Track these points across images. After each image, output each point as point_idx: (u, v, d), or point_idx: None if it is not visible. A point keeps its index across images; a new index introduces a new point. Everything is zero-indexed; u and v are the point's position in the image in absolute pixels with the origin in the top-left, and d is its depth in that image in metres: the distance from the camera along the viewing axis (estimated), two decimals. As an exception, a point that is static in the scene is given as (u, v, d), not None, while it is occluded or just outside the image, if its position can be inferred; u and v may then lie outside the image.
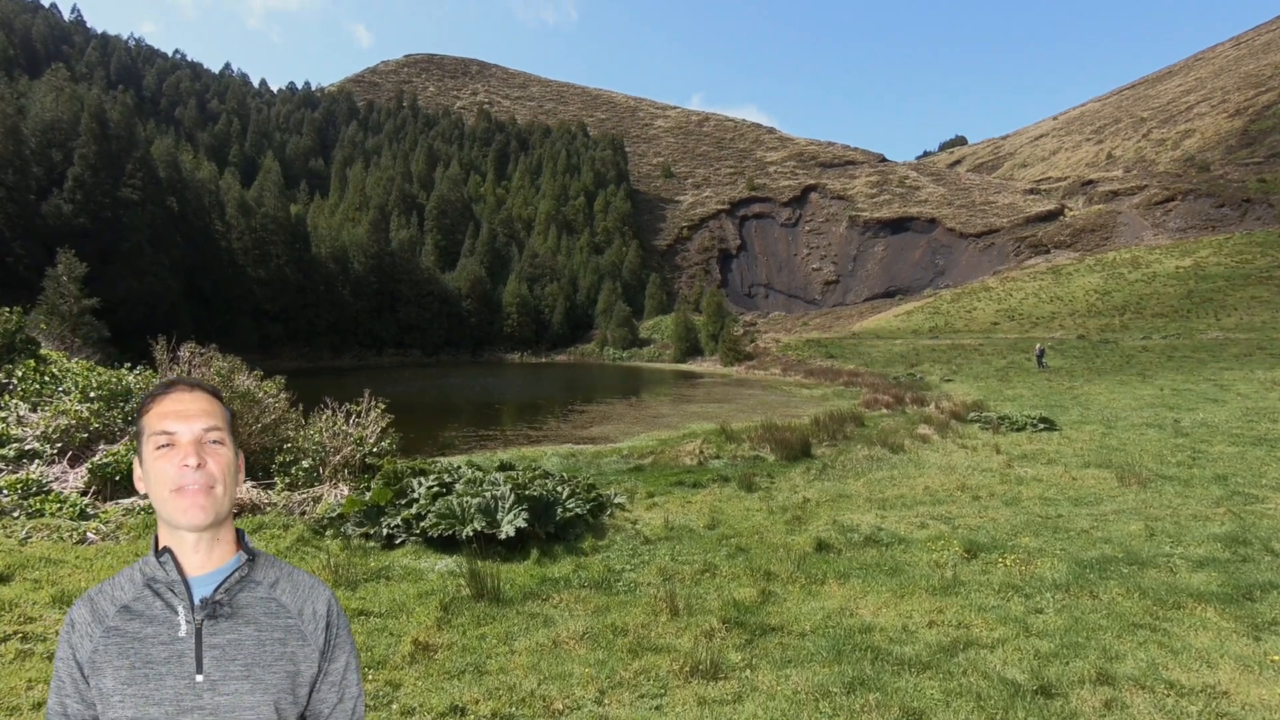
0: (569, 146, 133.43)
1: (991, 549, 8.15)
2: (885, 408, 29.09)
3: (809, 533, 9.00)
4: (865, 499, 11.70)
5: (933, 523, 9.56)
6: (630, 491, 12.57)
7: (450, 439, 20.89)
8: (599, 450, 18.40)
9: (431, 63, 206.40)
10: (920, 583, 6.89)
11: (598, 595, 6.52)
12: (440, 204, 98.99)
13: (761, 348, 66.64)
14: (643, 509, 10.83)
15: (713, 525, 9.57)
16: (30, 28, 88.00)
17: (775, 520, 9.95)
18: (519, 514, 8.03)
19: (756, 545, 8.47)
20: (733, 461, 16.61)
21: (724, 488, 13.33)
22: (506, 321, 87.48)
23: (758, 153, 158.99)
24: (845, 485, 13.18)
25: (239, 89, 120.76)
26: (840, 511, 10.58)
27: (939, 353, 50.67)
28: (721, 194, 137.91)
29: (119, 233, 50.91)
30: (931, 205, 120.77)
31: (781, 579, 7.04)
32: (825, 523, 9.66)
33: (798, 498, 11.77)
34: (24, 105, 53.08)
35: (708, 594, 6.58)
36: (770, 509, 10.75)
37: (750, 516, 10.25)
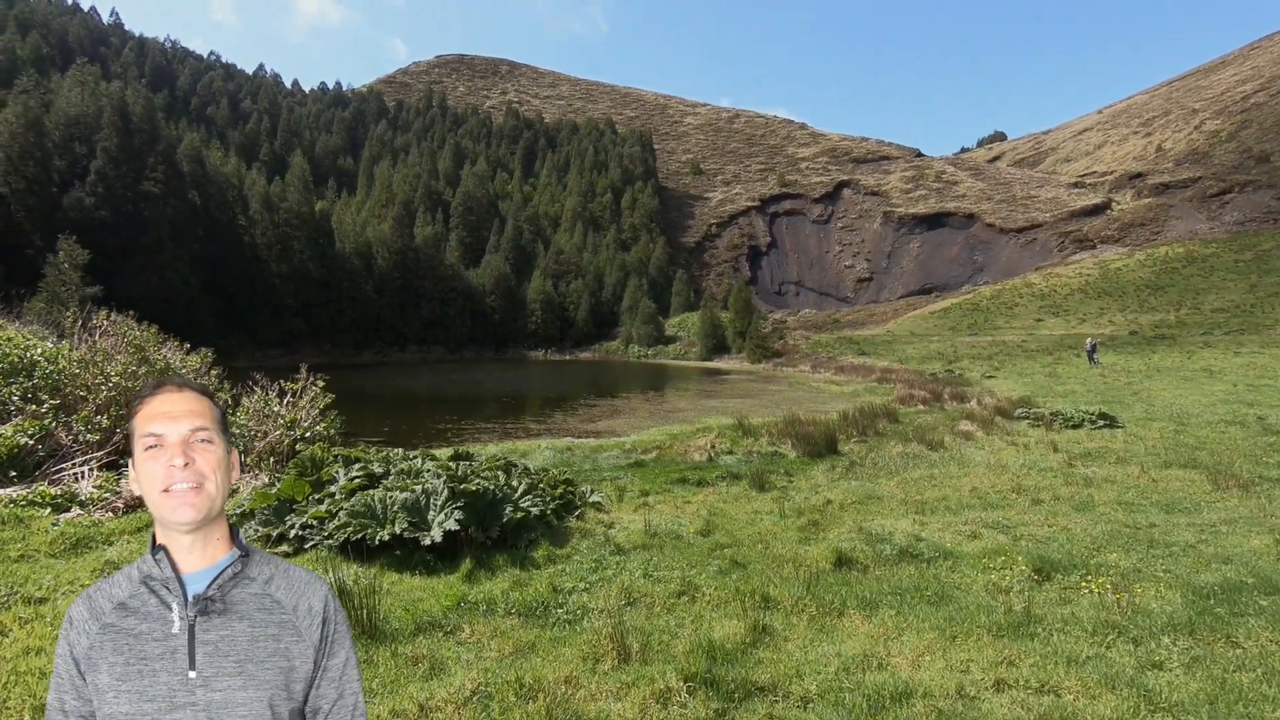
0: (596, 143, 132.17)
1: (1069, 568, 6.16)
2: (922, 403, 26.87)
3: (827, 543, 7.10)
4: (899, 501, 9.73)
5: (987, 532, 7.58)
6: (620, 489, 10.79)
7: (443, 430, 19.32)
8: (599, 444, 16.63)
9: (462, 63, 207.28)
10: (978, 616, 4.97)
11: (526, 627, 4.73)
12: (466, 200, 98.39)
13: (790, 345, 64.30)
14: (628, 509, 9.02)
15: (707, 530, 7.71)
16: (67, 29, 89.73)
17: (787, 526, 8.06)
18: (451, 513, 6.28)
19: (757, 558, 6.61)
20: (747, 457, 14.69)
21: (732, 486, 11.47)
22: (530, 318, 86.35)
23: (789, 149, 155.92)
24: (876, 485, 11.20)
25: (270, 89, 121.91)
26: (868, 516, 8.64)
27: (979, 349, 47.90)
28: (751, 191, 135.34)
29: (140, 226, 50.75)
30: (970, 200, 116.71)
31: (784, 607, 5.17)
32: (849, 530, 7.75)
33: (818, 499, 9.84)
34: (50, 100, 53.33)
35: (678, 629, 4.74)
36: (783, 511, 8.85)
37: (757, 521, 8.38)
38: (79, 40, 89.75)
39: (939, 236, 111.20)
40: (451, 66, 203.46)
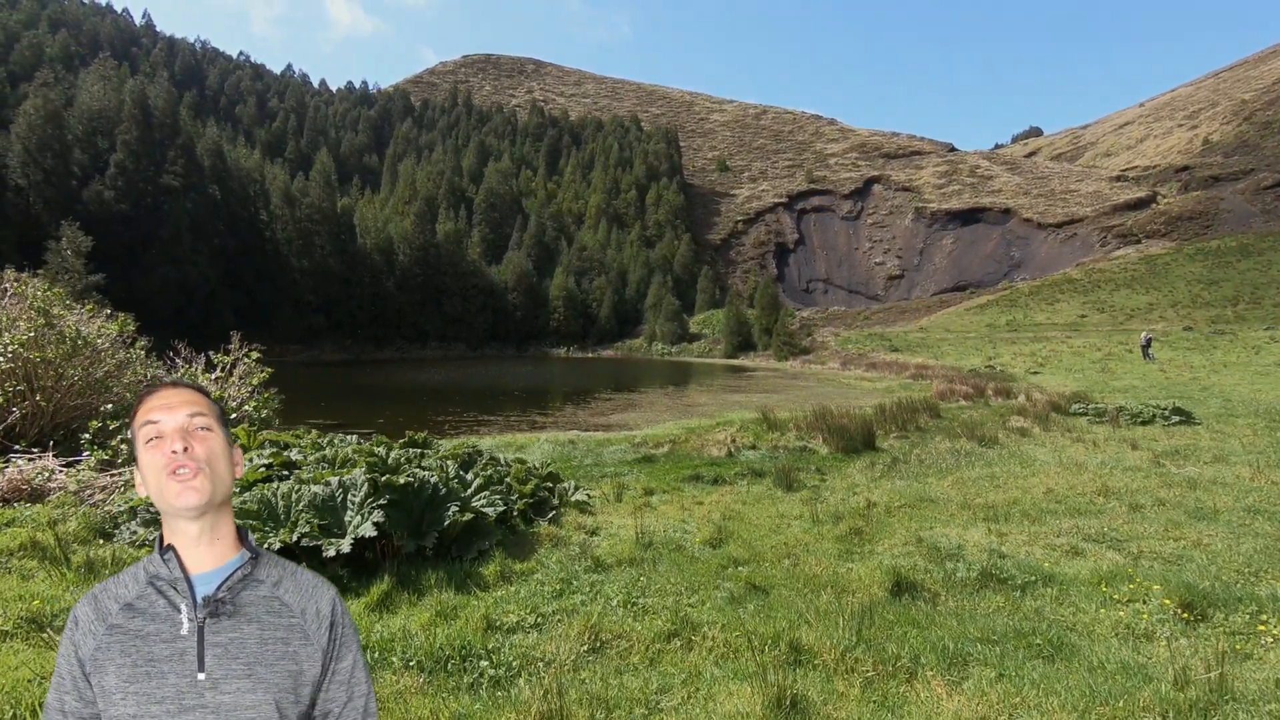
0: (621, 140, 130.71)
1: (1229, 602, 4.35)
2: (964, 399, 24.81)
3: (877, 559, 5.37)
4: (960, 505, 7.92)
5: (1090, 546, 5.76)
6: (620, 487, 9.15)
7: (442, 422, 17.84)
8: (607, 438, 14.99)
9: (488, 63, 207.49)
10: (1130, 686, 3.20)
11: (426, 692, 3.10)
12: (489, 197, 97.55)
13: (818, 342, 62.09)
14: (624, 512, 7.36)
15: (719, 539, 6.00)
16: (99, 29, 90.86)
17: (821, 534, 6.34)
18: (370, 514, 4.67)
19: (783, 579, 4.90)
20: (772, 453, 12.93)
21: (754, 485, 9.76)
22: (552, 315, 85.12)
23: (817, 145, 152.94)
24: (926, 485, 9.40)
25: (298, 88, 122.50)
26: (925, 523, 6.88)
27: (1020, 345, 45.34)
28: (779, 187, 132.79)
29: (158, 220, 50.42)
30: (1006, 195, 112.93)
31: (823, 662, 3.47)
32: (903, 541, 6.00)
33: (858, 500, 8.09)
34: (73, 95, 53.35)
35: (658, 699, 3.06)
36: (815, 516, 7.10)
37: (783, 527, 6.66)
38: (110, 40, 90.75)
39: (973, 232, 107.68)
40: (478, 66, 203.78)
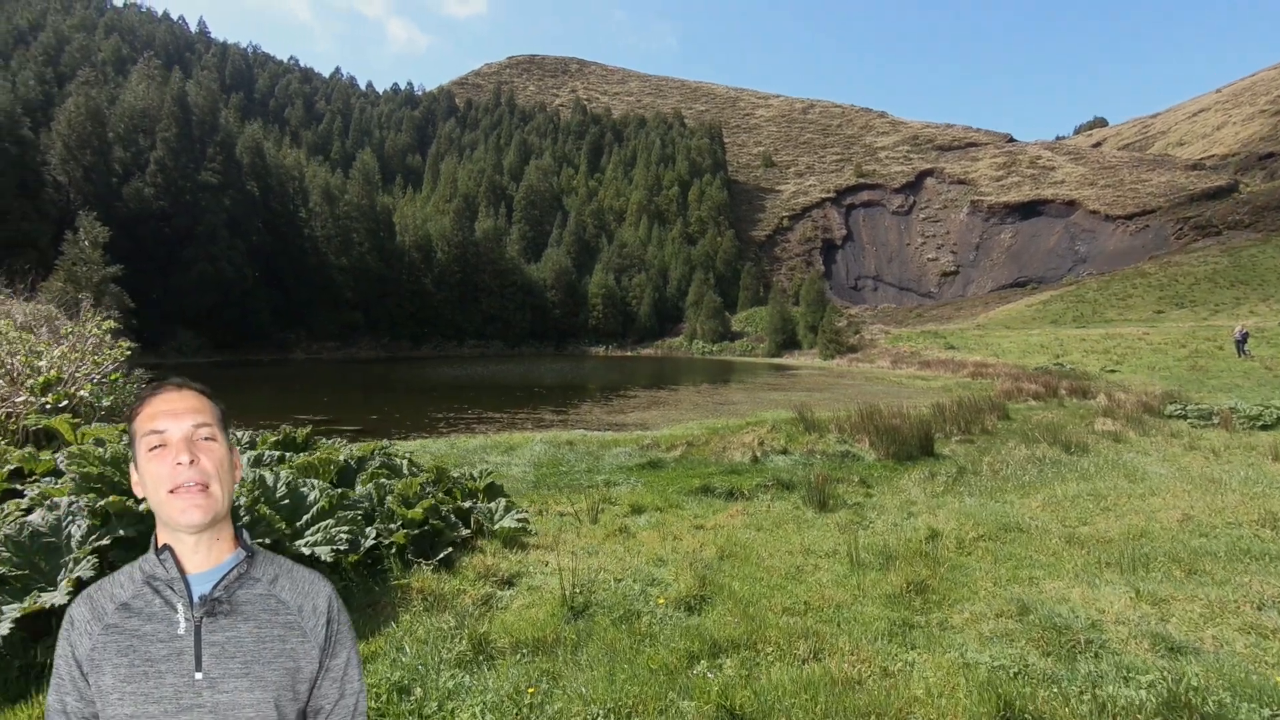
0: (664, 137, 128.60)
1: None
2: (1033, 398, 22.02)
3: (958, 648, 3.18)
4: (1064, 538, 5.61)
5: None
6: (601, 503, 7.08)
7: (437, 420, 16.07)
8: (614, 438, 12.94)
9: (532, 63, 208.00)
10: None
11: None
12: (529, 194, 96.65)
13: (867, 339, 58.89)
14: (585, 542, 5.29)
15: (700, 597, 3.89)
16: (154, 35, 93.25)
17: (864, 588, 4.17)
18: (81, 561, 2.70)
19: (791, 699, 2.75)
20: (806, 458, 10.68)
21: (777, 500, 7.57)
22: (591, 313, 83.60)
23: (867, 138, 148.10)
24: (1008, 505, 7.07)
25: (344, 90, 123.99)
26: (1021, 568, 4.64)
27: (1090, 342, 41.62)
28: (826, 182, 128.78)
29: (196, 216, 50.53)
30: (1069, 186, 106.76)
31: None
32: (995, 608, 3.78)
33: (915, 528, 5.85)
34: (117, 94, 54.02)
35: None
36: (855, 554, 4.90)
37: (806, 572, 4.51)
38: (164, 45, 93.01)
39: (1034, 226, 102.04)
40: (522, 67, 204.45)
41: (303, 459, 4.63)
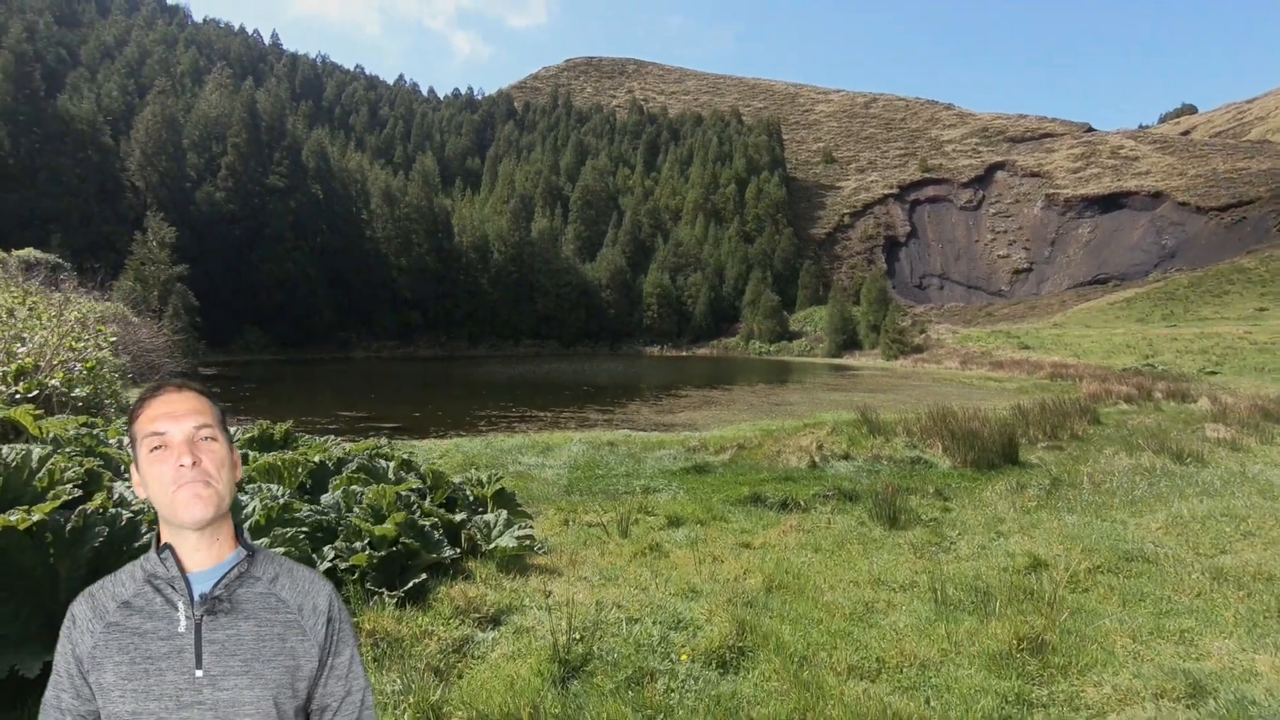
0: (721, 134, 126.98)
1: None
2: (1124, 401, 20.14)
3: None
4: (1209, 573, 4.46)
5: None
6: (635, 514, 6.24)
7: (479, 418, 15.55)
8: (660, 440, 12.07)
9: (590, 65, 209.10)
10: None
11: None
12: (585, 194, 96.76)
13: (934, 340, 56.31)
14: (605, 561, 4.47)
15: (738, 650, 2.99)
16: (229, 47, 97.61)
17: (957, 639, 3.18)
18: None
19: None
20: (871, 465, 9.58)
21: (839, 513, 6.58)
22: (646, 313, 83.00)
23: (932, 131, 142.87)
24: (1119, 525, 5.88)
25: (407, 96, 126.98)
26: (1159, 614, 3.57)
27: (1183, 342, 38.47)
28: (889, 178, 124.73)
29: (264, 219, 52.12)
30: (1156, 177, 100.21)
31: None
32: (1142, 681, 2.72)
33: (1008, 552, 4.80)
34: (192, 104, 56.32)
35: None
36: (937, 587, 3.89)
37: (877, 612, 3.56)
38: (239, 57, 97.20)
39: (1115, 219, 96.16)
40: (580, 69, 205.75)
41: (265, 459, 3.95)
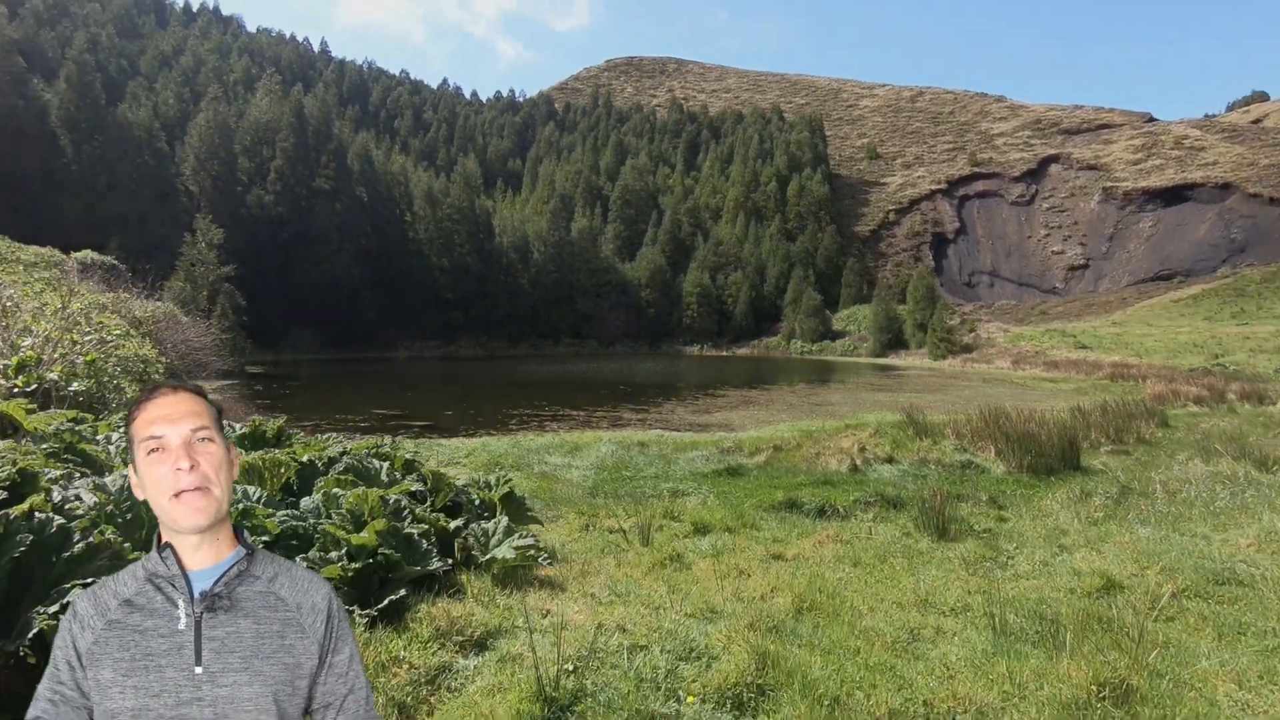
0: (762, 132, 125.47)
1: None
2: (1194, 403, 18.86)
3: None
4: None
5: None
6: (659, 519, 5.84)
7: (511, 416, 15.32)
8: (693, 440, 11.61)
9: (631, 65, 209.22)
10: None
11: None
12: (624, 194, 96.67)
13: (983, 338, 54.44)
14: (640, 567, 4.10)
15: (761, 684, 2.54)
16: (280, 55, 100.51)
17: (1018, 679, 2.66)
18: None
19: None
20: (917, 469, 8.96)
21: (882, 521, 6.07)
22: (686, 312, 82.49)
23: (982, 125, 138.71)
24: (1198, 539, 5.22)
25: (450, 100, 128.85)
26: (1268, 653, 3.00)
27: (1256, 341, 36.25)
28: (937, 173, 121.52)
29: (310, 220, 53.27)
30: (1224, 168, 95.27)
31: None
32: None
33: (1073, 570, 4.22)
34: (244, 110, 57.96)
35: None
36: (994, 613, 3.36)
37: (923, 641, 3.05)
38: (290, 64, 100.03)
39: (1179, 213, 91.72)
40: (620, 69, 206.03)
41: (246, 458, 3.67)
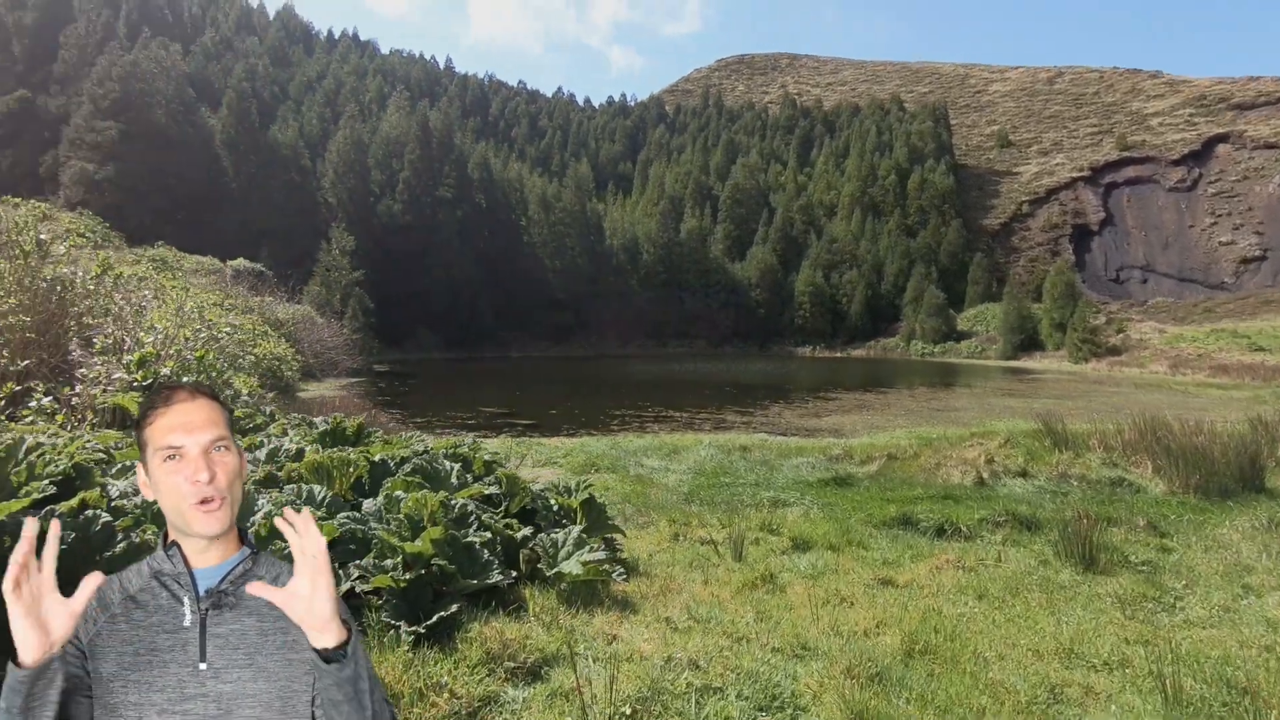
0: (880, 124, 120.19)
1: None
2: None
3: None
4: None
5: None
6: (755, 531, 5.43)
7: (613, 416, 15.23)
8: (800, 446, 10.97)
9: (742, 63, 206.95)
10: None
11: None
12: (735, 192, 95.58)
13: (1135, 339, 49.23)
14: (729, 586, 3.74)
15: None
16: (410, 74, 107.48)
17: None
18: None
19: None
20: (1056, 484, 7.97)
21: (1014, 546, 5.35)
22: (798, 312, 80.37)
23: (1133, 104, 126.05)
24: None
25: (564, 107, 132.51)
26: None
27: None
28: (1078, 159, 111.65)
29: (434, 228, 56.30)
30: None
31: None
32: None
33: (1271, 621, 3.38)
34: (378, 126, 62.23)
35: None
36: (1166, 674, 2.69)
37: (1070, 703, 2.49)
38: (418, 83, 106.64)
39: (1384, 194, 79.18)
40: (731, 68, 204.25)
41: (313, 457, 3.60)
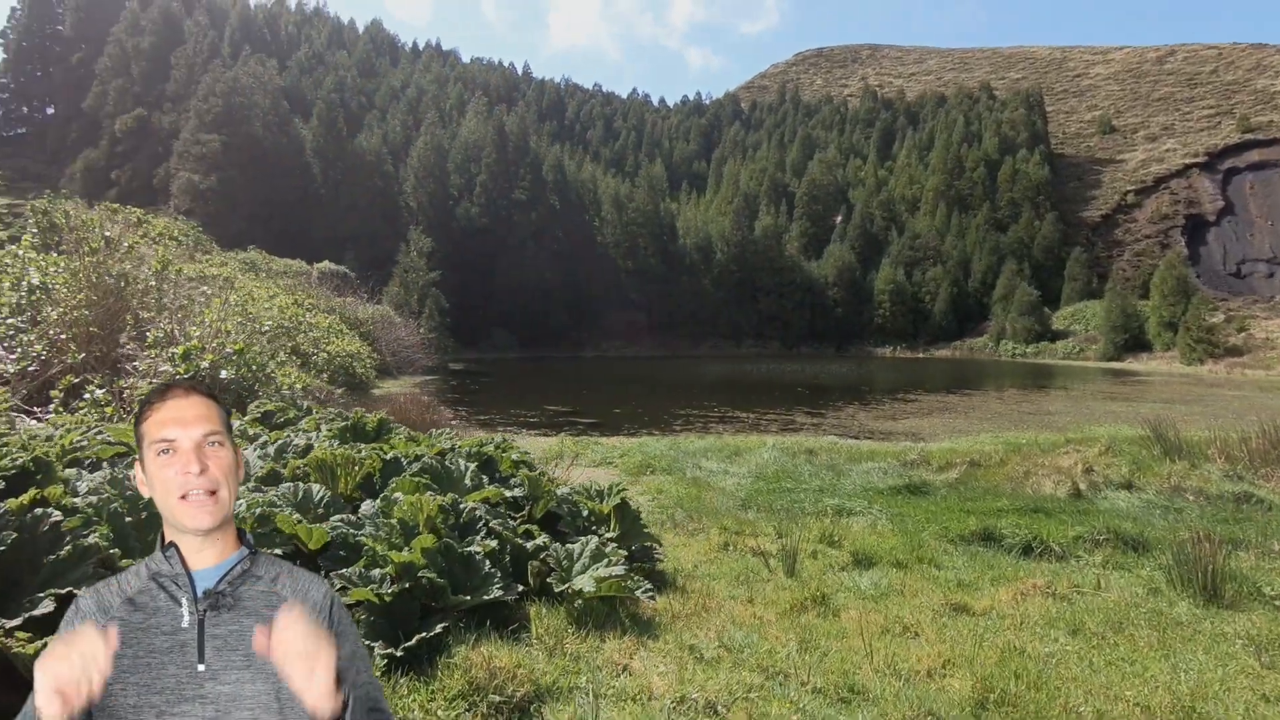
0: (968, 113, 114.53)
1: None
2: None
3: None
4: None
5: None
6: (825, 540, 5.01)
7: (677, 416, 14.83)
8: (871, 449, 10.28)
9: (820, 56, 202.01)
10: None
11: None
12: (811, 189, 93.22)
13: (1259, 339, 44.91)
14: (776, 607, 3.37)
15: None
16: (489, 81, 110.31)
17: None
18: None
19: None
20: (1167, 498, 7.06)
21: (1115, 570, 4.65)
22: (877, 312, 77.63)
23: (1258, 82, 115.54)
24: None
25: (639, 107, 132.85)
26: None
27: None
28: (1192, 144, 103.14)
29: (509, 229, 57.42)
30: None
31: None
32: None
33: None
34: (457, 132, 64.03)
35: None
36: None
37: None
38: (496, 89, 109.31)
39: None
40: (809, 62, 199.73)
41: (317, 454, 3.37)
